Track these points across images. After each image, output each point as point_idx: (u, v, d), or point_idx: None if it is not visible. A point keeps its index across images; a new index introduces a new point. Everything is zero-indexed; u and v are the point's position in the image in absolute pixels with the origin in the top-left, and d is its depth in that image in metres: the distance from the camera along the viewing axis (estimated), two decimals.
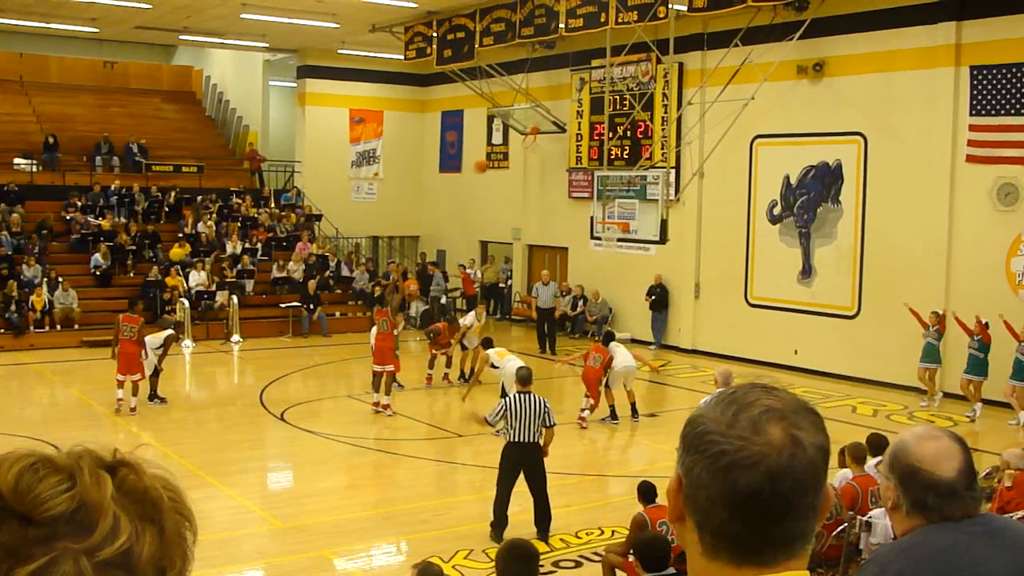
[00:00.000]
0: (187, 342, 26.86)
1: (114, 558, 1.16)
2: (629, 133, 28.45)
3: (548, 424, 12.73)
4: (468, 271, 32.97)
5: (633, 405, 19.38)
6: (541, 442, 12.72)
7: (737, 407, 1.75)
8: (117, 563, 1.17)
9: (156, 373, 20.22)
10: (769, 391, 1.78)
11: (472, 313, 23.51)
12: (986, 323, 19.87)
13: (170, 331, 20.88)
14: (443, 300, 32.57)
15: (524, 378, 13.16)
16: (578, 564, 11.97)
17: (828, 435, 1.79)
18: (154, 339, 20.03)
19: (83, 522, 1.16)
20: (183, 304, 27.53)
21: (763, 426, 1.72)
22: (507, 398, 13.18)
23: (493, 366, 19.01)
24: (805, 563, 1.76)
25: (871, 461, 11.26)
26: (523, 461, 12.64)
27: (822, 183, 24.30)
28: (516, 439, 12.57)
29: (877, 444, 11.56)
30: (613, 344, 19.51)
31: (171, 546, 1.25)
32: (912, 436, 3.01)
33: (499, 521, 12.70)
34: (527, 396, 12.72)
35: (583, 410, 18.93)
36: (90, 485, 1.18)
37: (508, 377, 17.12)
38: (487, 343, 20.08)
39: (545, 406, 12.75)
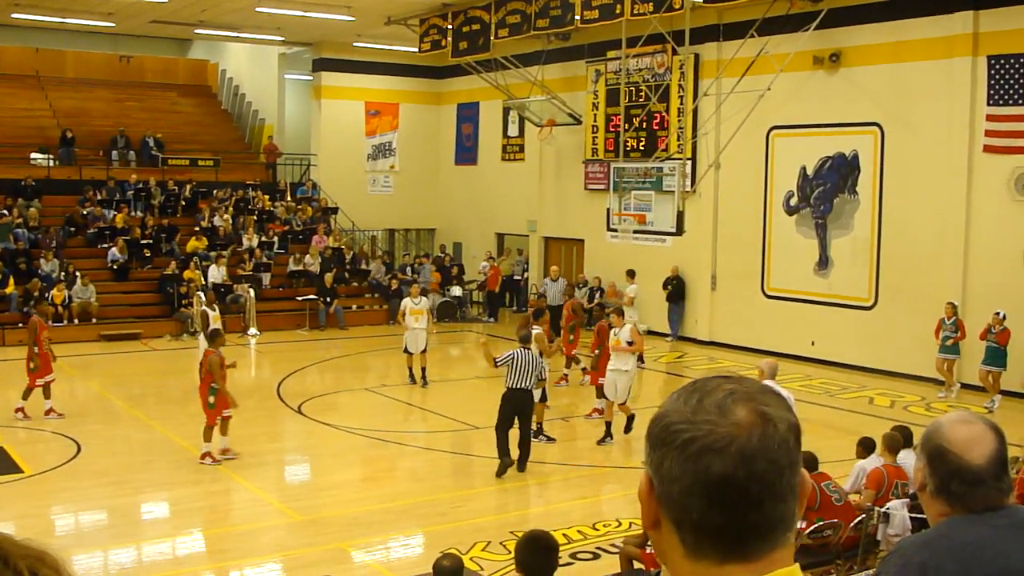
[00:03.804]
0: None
1: None
2: (645, 124, 28.40)
3: (542, 377, 15.80)
4: (496, 264, 32.86)
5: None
6: (534, 390, 15.43)
7: (700, 394, 1.72)
8: None
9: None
10: (730, 379, 1.76)
11: (407, 299, 22.39)
12: (1004, 316, 19.81)
13: (203, 308, 21.19)
14: (459, 292, 32.54)
15: (524, 338, 15.70)
16: (596, 556, 11.97)
17: (796, 416, 1.75)
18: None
19: None
20: (200, 297, 27.58)
21: (729, 407, 1.68)
22: (514, 350, 15.24)
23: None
24: (791, 554, 1.72)
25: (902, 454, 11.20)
26: (519, 405, 15.05)
27: (839, 174, 24.22)
28: (515, 385, 14.98)
29: (906, 437, 11.50)
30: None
31: None
32: (947, 419, 3.00)
33: (502, 457, 15.02)
34: (528, 352, 15.28)
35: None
36: None
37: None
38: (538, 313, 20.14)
39: (541, 362, 15.60)
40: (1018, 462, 11.22)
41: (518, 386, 15.01)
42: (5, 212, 29.59)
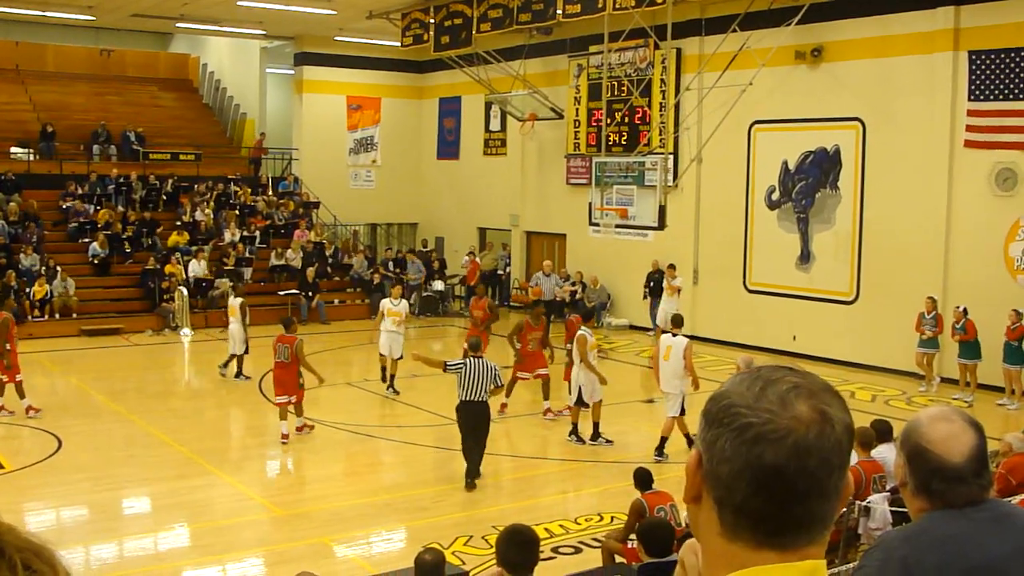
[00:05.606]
0: (185, 330, 26.88)
1: None
2: (627, 119, 28.40)
3: (497, 384, 14.57)
4: (476, 259, 32.84)
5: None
6: (488, 400, 14.43)
7: (764, 383, 1.73)
8: None
9: (247, 351, 21.35)
10: (793, 370, 1.77)
11: (387, 299, 21.41)
12: (964, 309, 19.97)
13: (241, 299, 21.99)
14: (440, 287, 32.50)
15: (474, 345, 14.94)
16: (577, 550, 11.98)
17: (851, 416, 1.78)
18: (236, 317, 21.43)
19: None
20: (181, 292, 27.50)
21: (791, 400, 1.70)
22: (466, 360, 14.49)
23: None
24: (823, 551, 1.74)
25: (879, 447, 11.23)
26: (474, 419, 14.28)
27: (820, 169, 24.28)
28: (468, 398, 14.18)
29: (882, 431, 11.54)
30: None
31: None
32: (926, 416, 2.99)
33: (472, 470, 14.43)
34: (479, 361, 14.31)
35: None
36: None
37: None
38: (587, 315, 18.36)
39: (494, 369, 14.40)
40: (998, 456, 11.26)
41: (471, 399, 14.21)
42: None
